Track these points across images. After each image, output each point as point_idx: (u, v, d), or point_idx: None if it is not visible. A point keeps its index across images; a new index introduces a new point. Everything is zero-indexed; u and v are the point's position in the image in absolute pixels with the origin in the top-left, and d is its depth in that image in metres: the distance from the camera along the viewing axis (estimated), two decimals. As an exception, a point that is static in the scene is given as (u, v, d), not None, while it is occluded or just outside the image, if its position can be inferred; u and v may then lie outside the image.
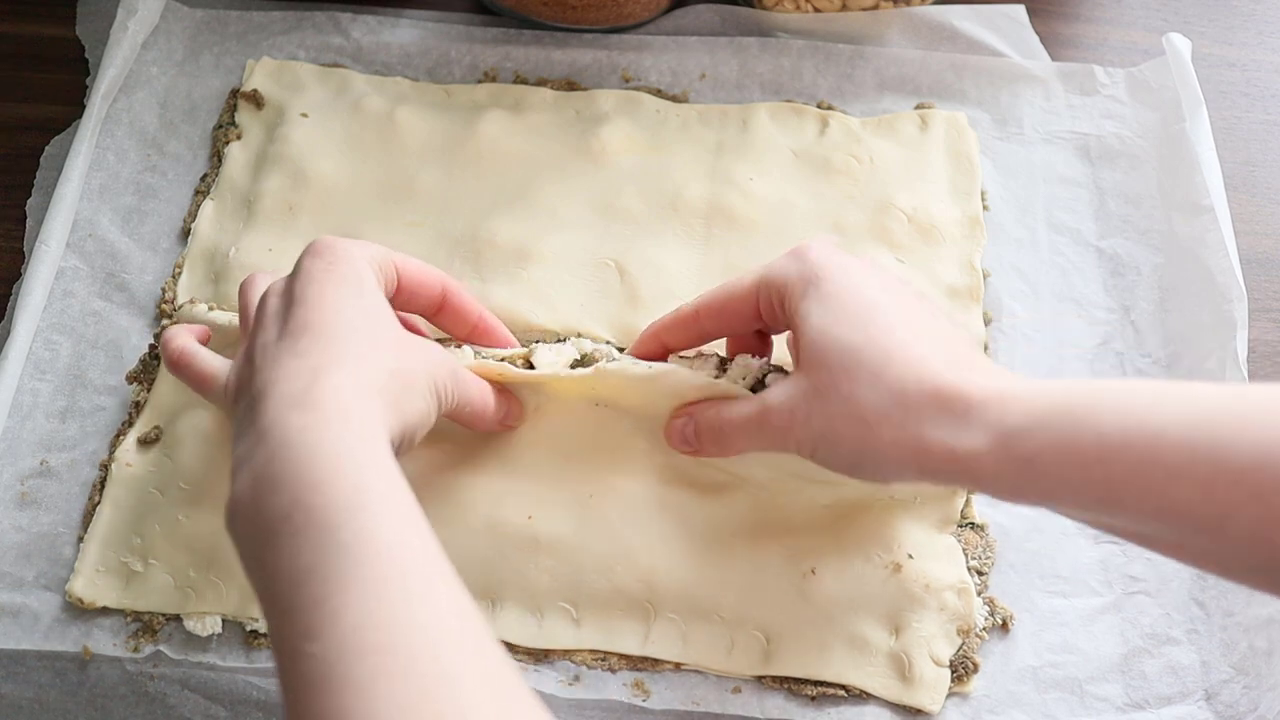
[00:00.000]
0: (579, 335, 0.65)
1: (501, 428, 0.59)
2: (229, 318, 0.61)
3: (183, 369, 0.55)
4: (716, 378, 0.56)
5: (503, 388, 0.58)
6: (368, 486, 0.42)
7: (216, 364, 0.54)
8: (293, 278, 0.51)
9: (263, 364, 0.48)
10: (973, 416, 0.47)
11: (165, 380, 0.63)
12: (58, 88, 0.75)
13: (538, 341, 0.60)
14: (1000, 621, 0.58)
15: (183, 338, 0.57)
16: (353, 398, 0.46)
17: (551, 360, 0.58)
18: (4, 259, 0.69)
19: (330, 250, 0.51)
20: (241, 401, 0.48)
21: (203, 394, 0.54)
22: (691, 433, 0.56)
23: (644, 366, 0.57)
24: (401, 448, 0.48)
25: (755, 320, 0.55)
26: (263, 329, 0.50)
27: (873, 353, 0.49)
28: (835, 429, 0.50)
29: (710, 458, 0.58)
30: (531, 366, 0.58)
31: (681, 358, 0.58)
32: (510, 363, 0.57)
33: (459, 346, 0.58)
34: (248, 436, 0.45)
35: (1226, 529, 0.42)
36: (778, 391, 0.52)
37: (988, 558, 0.60)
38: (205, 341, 0.58)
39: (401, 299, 0.55)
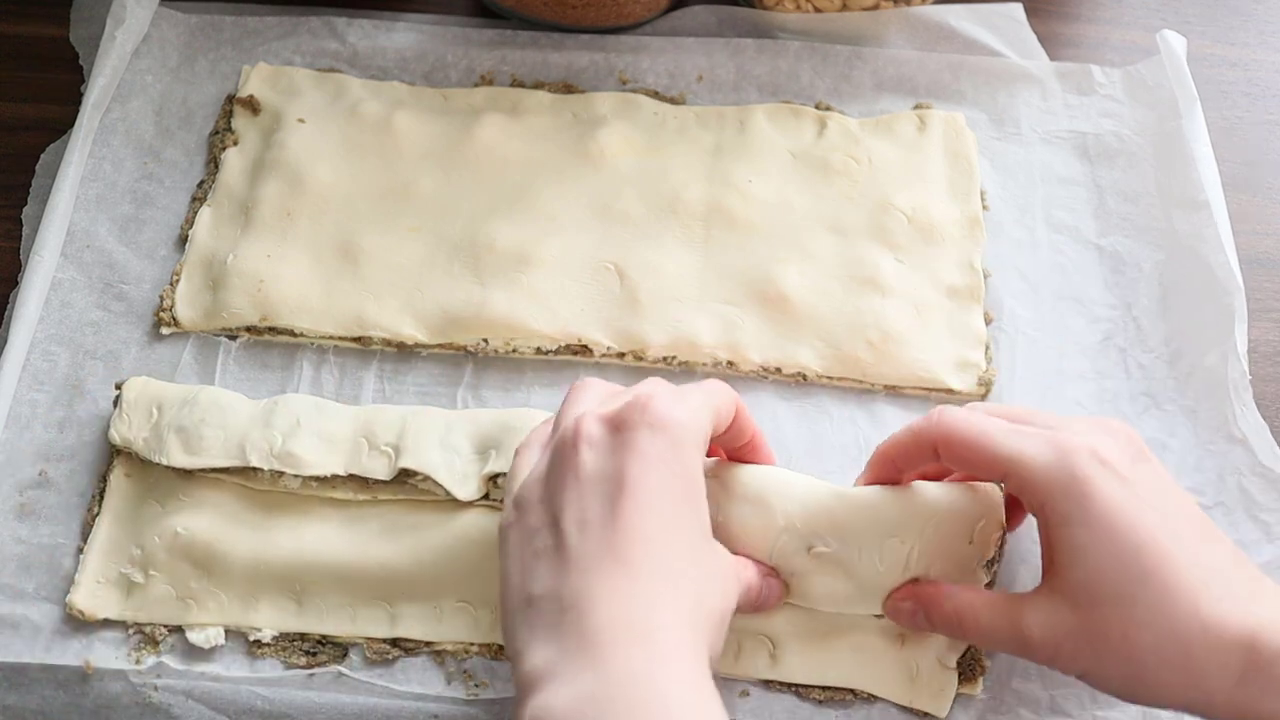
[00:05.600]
0: (578, 341, 0.65)
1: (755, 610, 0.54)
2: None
3: None
4: (988, 584, 0.55)
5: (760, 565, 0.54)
6: None
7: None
8: (624, 448, 0.47)
9: (582, 561, 0.45)
10: (1260, 673, 0.46)
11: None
12: (58, 88, 0.75)
13: None
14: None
15: None
16: (683, 637, 0.44)
17: None
18: (4, 259, 0.68)
19: (670, 427, 0.47)
20: (539, 572, 0.46)
21: None
22: (922, 619, 0.53)
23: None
24: None
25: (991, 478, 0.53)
26: (580, 500, 0.46)
27: (1149, 595, 0.47)
28: (1106, 668, 0.48)
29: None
30: None
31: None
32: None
33: None
34: (565, 645, 0.44)
35: None
36: (1039, 619, 0.49)
37: (996, 554, 0.59)
38: None
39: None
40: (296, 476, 0.59)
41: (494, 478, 0.58)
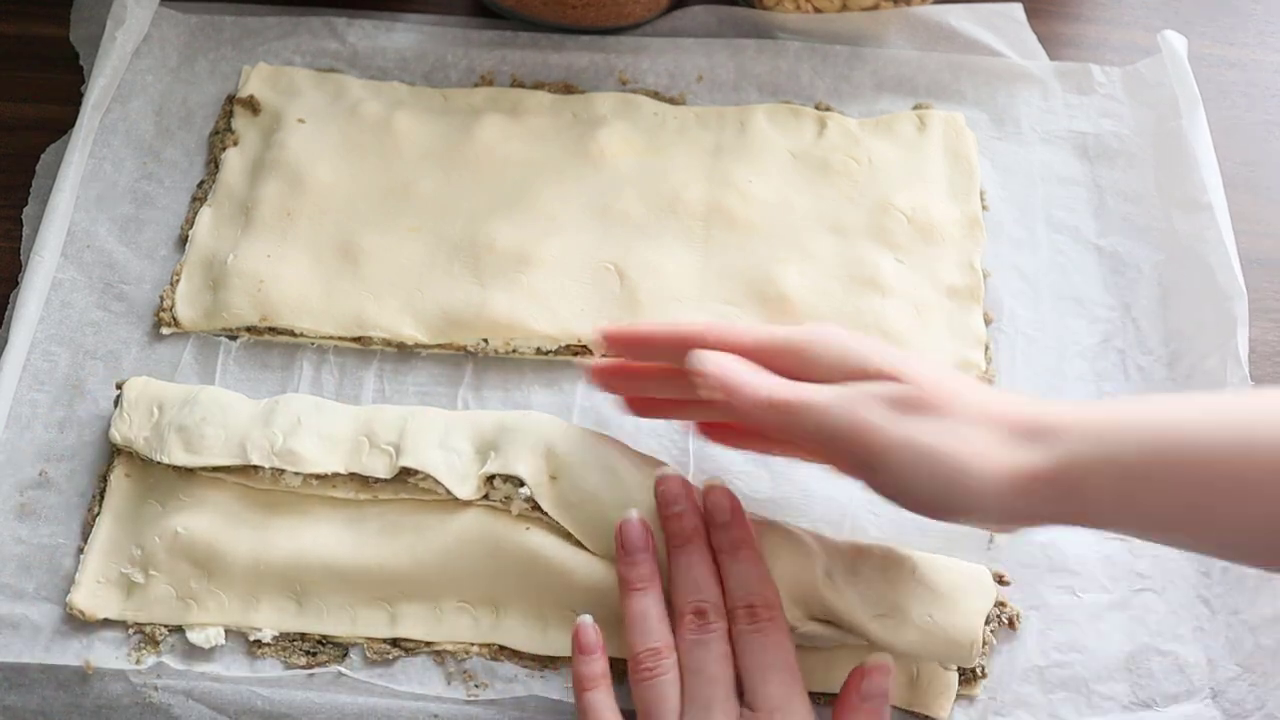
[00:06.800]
0: (578, 341, 0.65)
1: None
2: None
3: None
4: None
5: None
6: None
7: None
8: None
9: None
10: (1065, 435, 0.48)
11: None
12: (58, 88, 0.75)
13: None
14: (1007, 620, 0.58)
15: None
16: None
17: None
18: (4, 259, 0.68)
19: None
20: None
21: None
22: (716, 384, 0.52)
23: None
24: None
25: None
26: None
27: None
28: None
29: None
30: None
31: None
32: None
33: None
34: None
35: None
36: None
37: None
38: None
39: None
40: (297, 475, 0.59)
41: (491, 478, 0.58)
